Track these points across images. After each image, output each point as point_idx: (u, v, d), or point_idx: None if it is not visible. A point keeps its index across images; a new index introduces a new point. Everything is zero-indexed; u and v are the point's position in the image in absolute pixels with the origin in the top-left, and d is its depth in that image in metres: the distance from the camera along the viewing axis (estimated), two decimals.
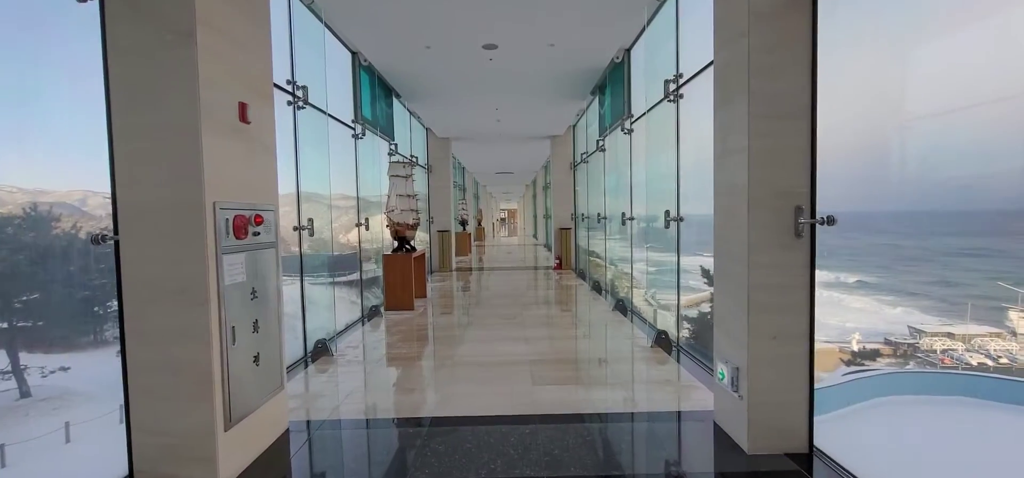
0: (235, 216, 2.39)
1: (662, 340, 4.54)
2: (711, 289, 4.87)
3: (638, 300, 6.23)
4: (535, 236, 25.94)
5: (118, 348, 2.25)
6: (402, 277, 6.61)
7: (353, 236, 6.56)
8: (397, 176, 6.81)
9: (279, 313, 2.78)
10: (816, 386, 2.49)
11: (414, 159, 9.61)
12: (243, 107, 2.50)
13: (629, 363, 4.20)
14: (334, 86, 5.91)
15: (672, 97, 4.50)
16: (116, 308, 2.24)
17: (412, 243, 7.17)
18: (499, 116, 9.36)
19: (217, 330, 2.25)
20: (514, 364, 4.08)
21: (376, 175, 7.00)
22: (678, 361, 4.25)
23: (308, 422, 3.04)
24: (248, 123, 2.54)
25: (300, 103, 4.40)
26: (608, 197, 7.94)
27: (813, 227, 2.44)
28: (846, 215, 2.35)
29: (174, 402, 2.21)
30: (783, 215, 2.44)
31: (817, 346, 2.50)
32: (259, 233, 2.59)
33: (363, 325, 5.94)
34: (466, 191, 19.68)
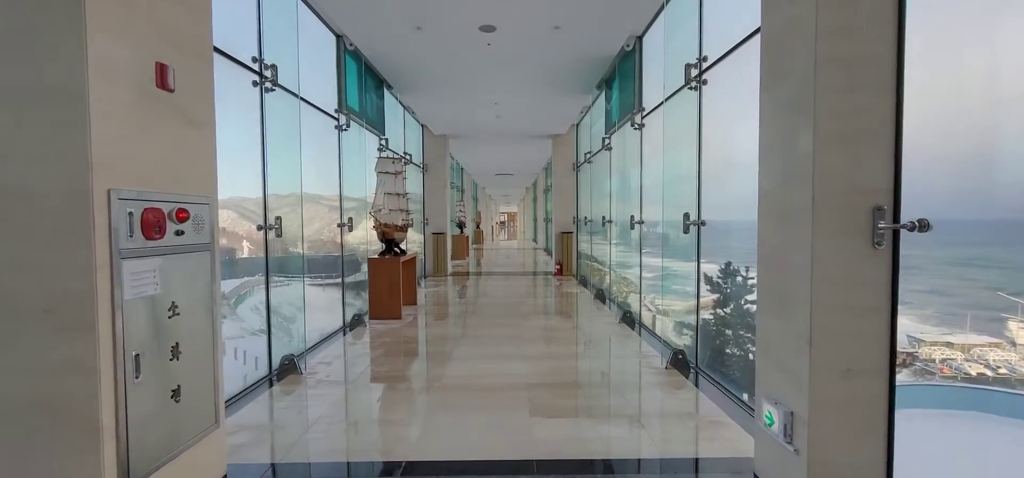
0: (145, 210, 1.83)
1: (679, 361, 3.98)
2: (715, 295, 4.34)
3: (648, 312, 5.66)
4: (535, 240, 25.38)
5: None
6: (389, 283, 6.04)
7: (350, 237, 5.99)
8: (385, 173, 6.25)
9: (214, 333, 2.21)
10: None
11: (407, 156, 9.05)
12: (162, 69, 1.94)
13: (642, 389, 3.63)
14: (316, 72, 5.36)
15: (694, 84, 3.95)
16: None
17: (401, 246, 6.61)
18: (498, 112, 8.82)
19: (110, 360, 1.69)
20: (510, 389, 3.51)
21: (365, 172, 6.44)
22: (697, 384, 3.69)
23: (253, 466, 2.47)
24: (170, 90, 1.98)
25: (268, 84, 3.84)
26: (614, 199, 7.38)
27: (897, 234, 1.88)
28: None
29: (46, 456, 1.65)
30: (858, 217, 1.88)
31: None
32: (183, 232, 2.02)
33: (344, 335, 5.37)
34: (464, 192, 19.13)
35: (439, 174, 10.94)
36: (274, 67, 3.84)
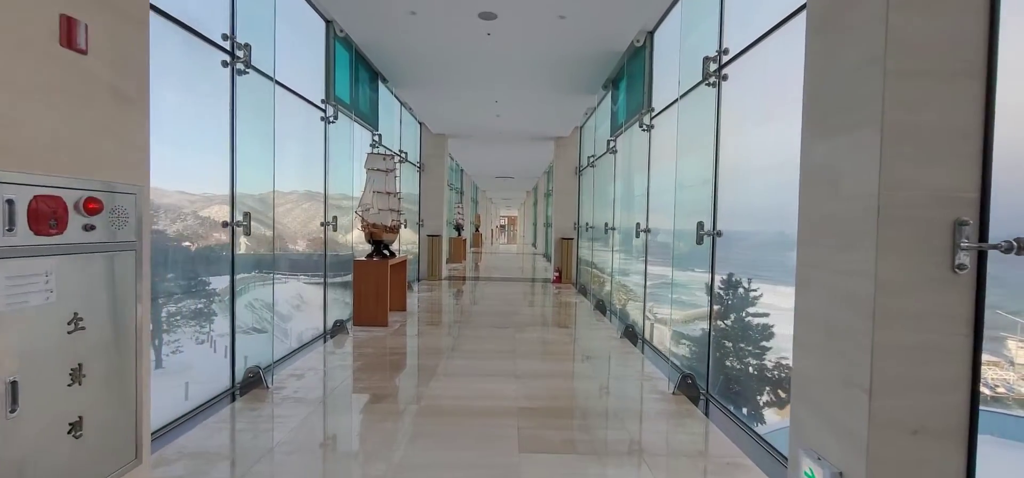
0: (34, 198, 1.44)
1: (688, 386, 3.58)
2: (730, 315, 3.92)
3: (652, 328, 5.27)
4: (534, 245, 25.00)
5: None
6: (376, 287, 5.65)
7: (347, 236, 5.60)
8: (375, 170, 5.87)
9: (138, 349, 1.82)
10: None
11: (403, 154, 8.68)
12: (69, 24, 1.56)
13: (647, 418, 3.23)
14: (304, 60, 4.99)
15: (712, 79, 3.57)
16: None
17: (391, 248, 6.22)
18: (499, 110, 8.44)
19: None
20: (499, 415, 3.11)
21: (354, 168, 6.05)
22: (706, 412, 3.30)
23: None
24: (82, 51, 1.60)
25: (240, 65, 3.46)
26: (618, 205, 6.99)
27: (984, 256, 1.49)
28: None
29: None
30: (934, 234, 1.49)
31: None
32: (94, 226, 1.64)
33: (324, 343, 4.98)
34: (463, 194, 18.76)
35: (436, 174, 10.57)
36: (247, 46, 3.46)
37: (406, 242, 9.87)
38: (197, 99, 3.40)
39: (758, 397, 3.30)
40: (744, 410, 3.25)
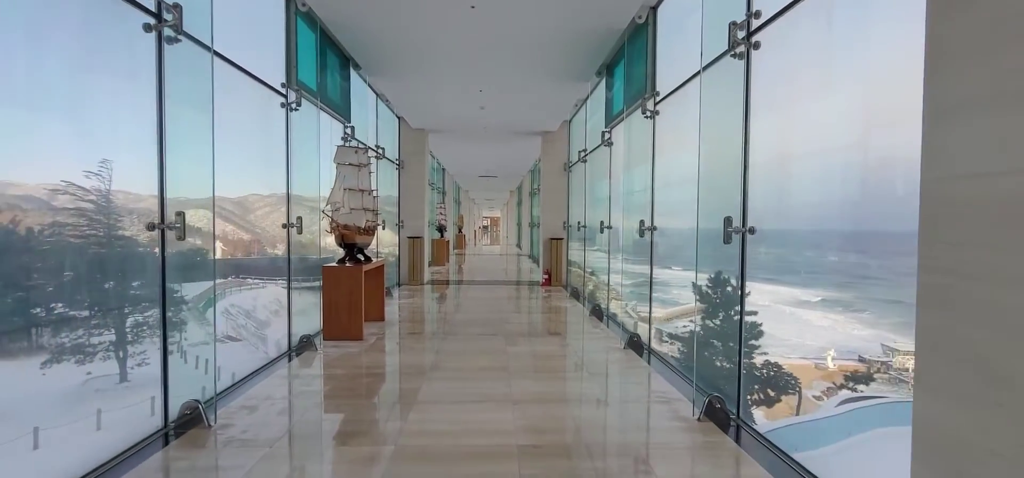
0: None
1: (715, 411, 3.04)
2: (742, 318, 3.34)
3: (659, 337, 4.74)
4: (519, 246, 24.46)
5: None
6: (348, 297, 5.01)
7: (328, 239, 4.92)
8: (347, 165, 5.22)
9: None
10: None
11: (379, 150, 8.02)
12: None
13: (671, 456, 2.68)
14: (262, 37, 4.34)
15: (740, 49, 3.04)
16: None
17: (365, 252, 5.58)
18: (483, 101, 7.84)
19: None
20: (495, 459, 2.53)
21: (325, 165, 5.38)
22: (738, 440, 2.78)
23: None
24: None
25: (169, 31, 2.81)
26: (614, 202, 6.47)
27: None
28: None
29: None
30: None
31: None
32: None
33: (289, 362, 4.33)
34: (446, 195, 18.10)
35: (417, 172, 9.92)
36: (177, 8, 2.80)
37: (386, 244, 9.21)
38: (116, 77, 2.73)
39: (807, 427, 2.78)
40: (786, 444, 2.72)
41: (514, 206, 27.54)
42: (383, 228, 8.10)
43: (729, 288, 3.32)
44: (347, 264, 5.20)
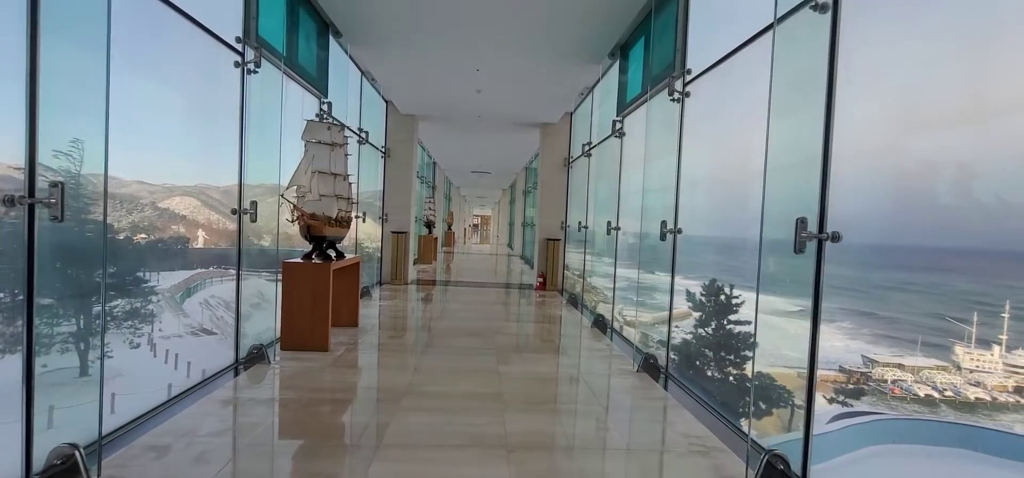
0: None
1: (777, 473, 2.31)
2: (814, 348, 2.65)
3: (681, 361, 4.02)
4: (510, 246, 23.70)
5: None
6: (313, 300, 4.21)
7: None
8: (318, 143, 4.43)
9: None
10: None
11: (362, 134, 7.21)
12: None
13: None
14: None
15: (819, 2, 2.31)
16: None
17: (337, 246, 4.79)
18: (480, 83, 7.07)
19: None
20: None
21: (292, 146, 4.58)
22: None
23: None
24: None
25: None
26: (624, 201, 5.73)
27: None
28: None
29: None
30: None
31: None
32: None
33: (235, 378, 3.53)
34: (436, 190, 17.28)
35: (404, 161, 9.11)
36: None
37: (368, 239, 8.39)
38: None
39: None
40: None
41: (506, 205, 26.77)
42: (363, 220, 7.30)
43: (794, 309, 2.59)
44: (314, 260, 4.40)
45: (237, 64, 3.70)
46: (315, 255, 4.52)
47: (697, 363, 4.26)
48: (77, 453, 2.07)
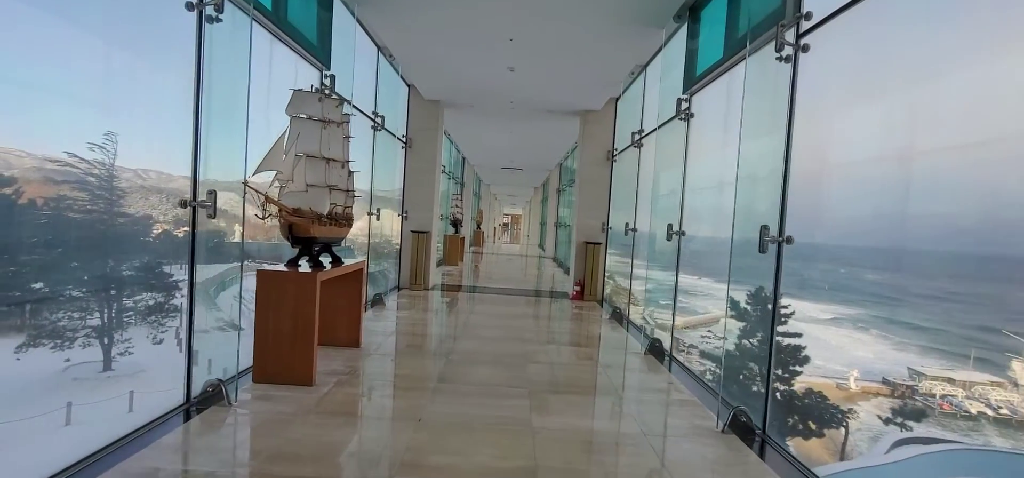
0: None
1: None
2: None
3: (820, 425, 2.90)
4: (541, 247, 22.62)
5: None
6: (294, 320, 3.27)
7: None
8: (306, 120, 3.49)
9: None
10: None
11: (377, 118, 6.29)
12: None
13: None
14: None
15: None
16: None
17: (333, 250, 3.86)
18: (514, 59, 6.04)
19: None
20: None
21: (271, 117, 3.65)
22: None
23: None
24: None
25: None
26: (688, 197, 4.61)
27: None
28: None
29: None
30: None
31: None
32: None
33: (186, 422, 2.63)
34: (465, 186, 16.38)
35: (427, 153, 8.17)
36: None
37: (380, 237, 7.49)
38: None
39: None
40: None
41: (538, 204, 25.69)
42: (376, 218, 6.39)
43: None
44: (301, 267, 3.47)
45: (190, 5, 2.78)
46: (306, 261, 3.59)
47: (810, 425, 3.12)
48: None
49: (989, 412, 2.23)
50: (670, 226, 4.70)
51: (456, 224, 13.60)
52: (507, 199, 36.00)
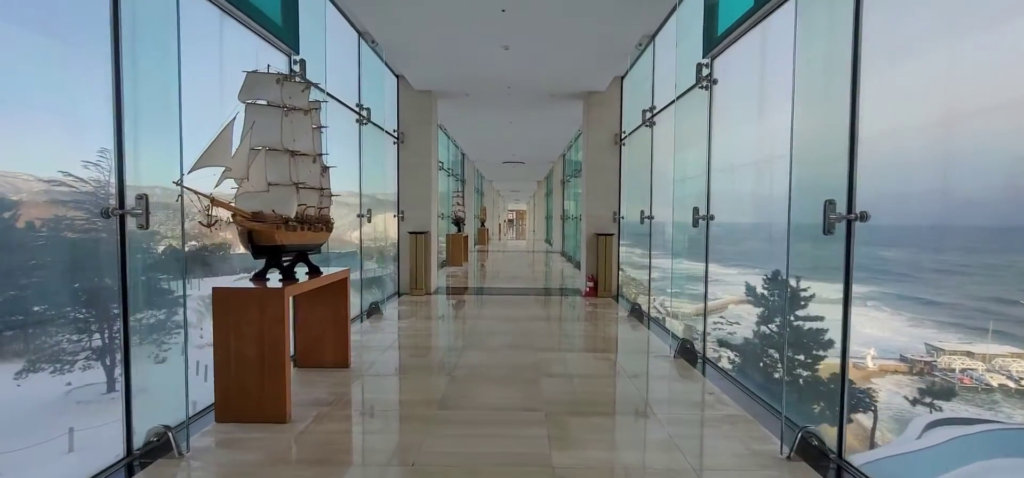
0: None
1: None
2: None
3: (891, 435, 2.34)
4: (548, 241, 22.04)
5: None
6: (261, 344, 2.73)
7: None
8: (264, 106, 2.94)
9: None
10: None
11: (363, 111, 5.73)
12: None
13: None
14: None
15: None
16: None
17: (309, 258, 3.32)
18: (508, 36, 5.46)
19: None
20: None
21: (222, 91, 3.09)
22: None
23: None
24: None
25: None
26: (718, 179, 4.03)
27: None
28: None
29: None
30: None
31: None
32: None
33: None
34: (466, 183, 15.83)
35: (421, 148, 7.61)
36: None
37: (374, 241, 6.96)
38: None
39: None
40: None
41: (543, 198, 25.09)
42: (368, 220, 5.85)
43: None
44: (265, 284, 2.93)
45: None
46: (279, 273, 3.05)
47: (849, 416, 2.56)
48: None
49: (1011, 384, 2.16)
50: (696, 210, 4.12)
51: (458, 223, 13.06)
52: (511, 195, 35.40)
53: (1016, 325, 2.09)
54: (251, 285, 2.83)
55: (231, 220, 2.65)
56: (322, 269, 3.49)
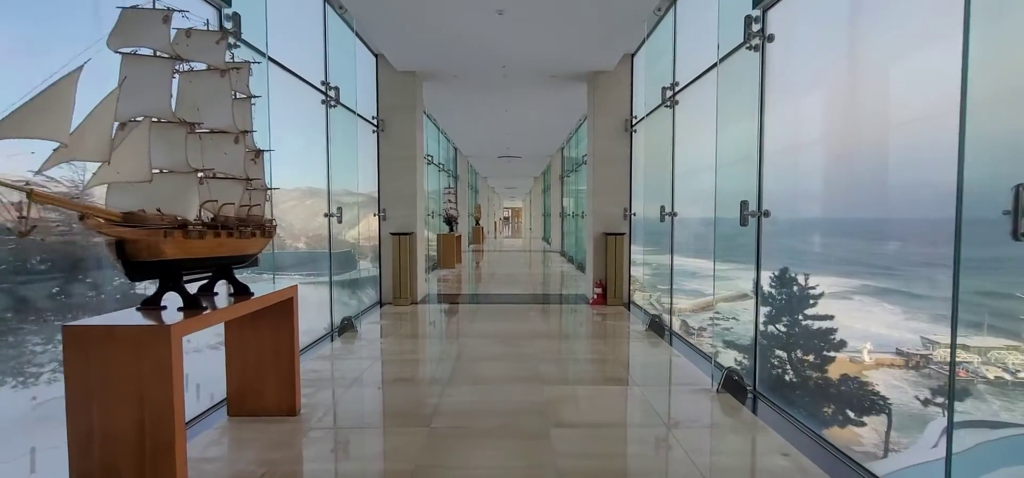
0: None
1: None
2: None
3: None
4: (546, 240, 21.16)
5: None
6: (140, 414, 1.82)
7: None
8: (149, 58, 2.01)
9: None
10: None
11: (331, 91, 4.81)
12: None
13: None
14: None
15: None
16: None
17: (233, 275, 2.41)
18: (502, 1, 4.54)
19: None
20: None
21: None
22: None
23: None
24: None
25: None
26: (768, 163, 3.16)
27: None
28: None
29: None
30: None
31: None
32: None
33: None
34: (459, 179, 14.91)
35: (404, 137, 6.69)
36: None
37: (349, 243, 6.04)
38: None
39: None
40: None
41: (539, 194, 24.19)
42: (339, 221, 4.93)
43: None
44: (172, 314, 2.02)
45: None
46: (180, 301, 2.13)
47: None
48: None
49: (1007, 377, 2.14)
50: (745, 204, 3.22)
51: (451, 222, 12.14)
52: (506, 192, 34.47)
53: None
54: (126, 322, 1.92)
55: (81, 220, 1.72)
56: (262, 286, 2.58)
